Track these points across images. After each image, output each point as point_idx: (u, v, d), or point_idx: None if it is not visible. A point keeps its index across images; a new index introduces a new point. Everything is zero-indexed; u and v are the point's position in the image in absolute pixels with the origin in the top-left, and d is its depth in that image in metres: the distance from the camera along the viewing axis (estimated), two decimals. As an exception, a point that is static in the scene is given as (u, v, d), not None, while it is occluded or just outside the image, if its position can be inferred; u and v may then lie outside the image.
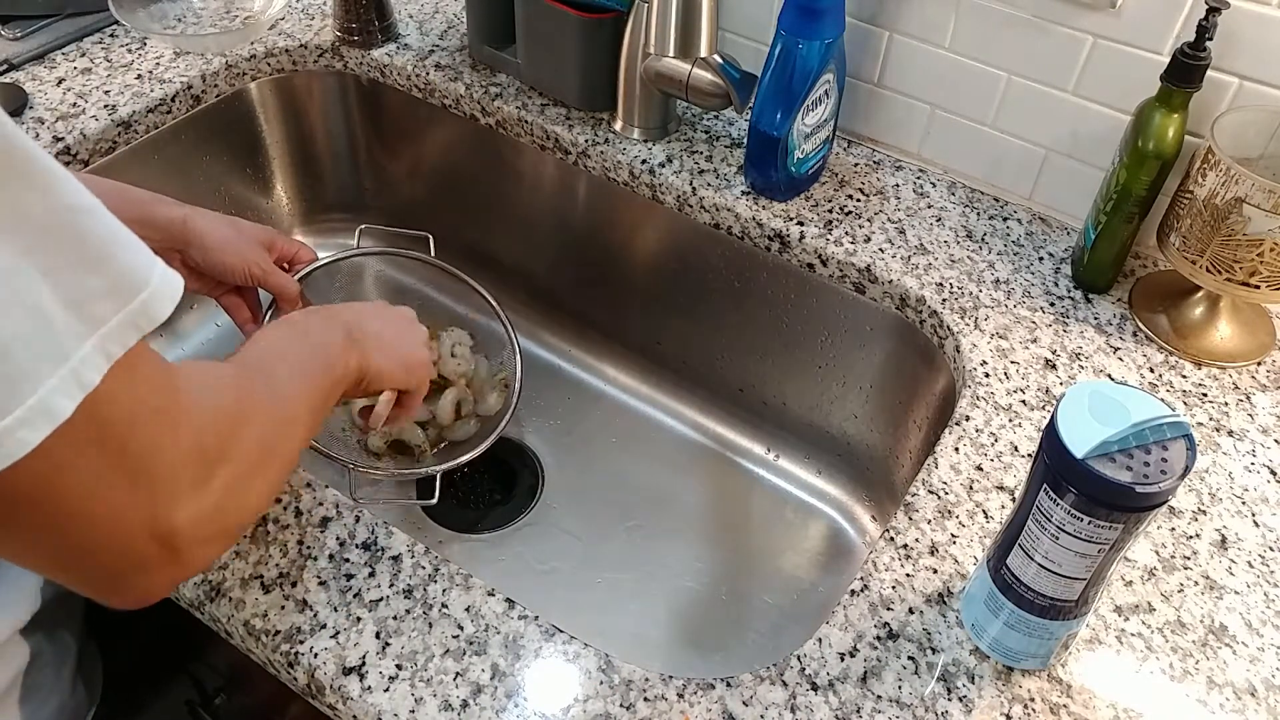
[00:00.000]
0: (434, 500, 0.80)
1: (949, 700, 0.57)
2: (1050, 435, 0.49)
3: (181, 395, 0.42)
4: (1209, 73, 0.72)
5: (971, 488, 0.68)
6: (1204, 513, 0.67)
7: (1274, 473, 0.70)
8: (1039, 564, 0.52)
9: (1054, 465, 0.49)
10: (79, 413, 0.36)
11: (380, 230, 0.96)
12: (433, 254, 0.90)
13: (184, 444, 0.42)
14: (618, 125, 0.94)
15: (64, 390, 0.36)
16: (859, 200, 0.89)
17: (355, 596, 0.61)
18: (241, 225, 0.76)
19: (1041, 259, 0.85)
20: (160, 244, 0.71)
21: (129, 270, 0.39)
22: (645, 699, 0.57)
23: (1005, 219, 0.89)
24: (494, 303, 0.90)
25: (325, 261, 0.84)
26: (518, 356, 0.89)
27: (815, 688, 0.57)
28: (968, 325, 0.79)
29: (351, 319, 0.63)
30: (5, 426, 0.34)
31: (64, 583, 0.44)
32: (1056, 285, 0.83)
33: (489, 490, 0.96)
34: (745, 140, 0.87)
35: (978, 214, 0.89)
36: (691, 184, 0.89)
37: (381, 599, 0.61)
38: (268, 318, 0.80)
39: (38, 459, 0.36)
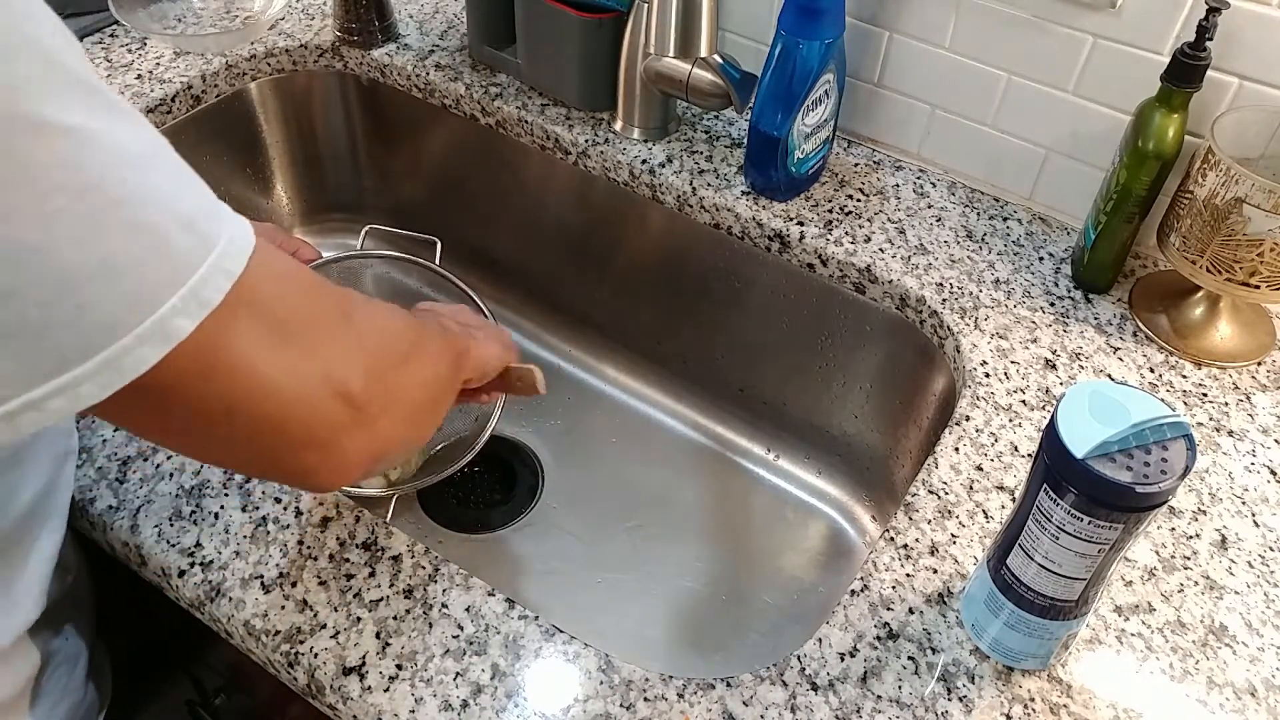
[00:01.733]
0: (387, 518, 0.78)
1: (949, 700, 0.57)
2: (1050, 435, 0.49)
3: (317, 276, 0.44)
4: (1209, 73, 0.72)
5: (971, 488, 0.68)
6: (1204, 513, 0.67)
7: (1274, 473, 0.70)
8: (1039, 564, 0.52)
9: (1054, 465, 0.49)
10: (230, 297, 0.37)
11: (387, 232, 0.96)
12: (438, 260, 0.89)
13: (333, 312, 0.43)
14: (618, 125, 0.94)
15: (214, 280, 0.37)
16: (859, 200, 0.89)
17: (355, 596, 0.61)
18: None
19: (1041, 259, 0.85)
20: None
21: (210, 196, 0.40)
22: (645, 699, 0.57)
23: (1005, 219, 0.89)
24: (491, 316, 0.88)
25: (326, 261, 0.83)
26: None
27: (815, 688, 0.57)
28: (968, 325, 0.79)
29: (446, 312, 0.66)
30: (160, 315, 0.35)
31: (273, 470, 0.45)
32: (1056, 285, 0.83)
33: (489, 490, 0.96)
34: (745, 140, 0.87)
35: (978, 214, 0.89)
36: (691, 184, 0.89)
37: (381, 599, 0.61)
38: None
39: (200, 340, 0.37)
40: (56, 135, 0.33)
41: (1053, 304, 0.81)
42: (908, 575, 0.63)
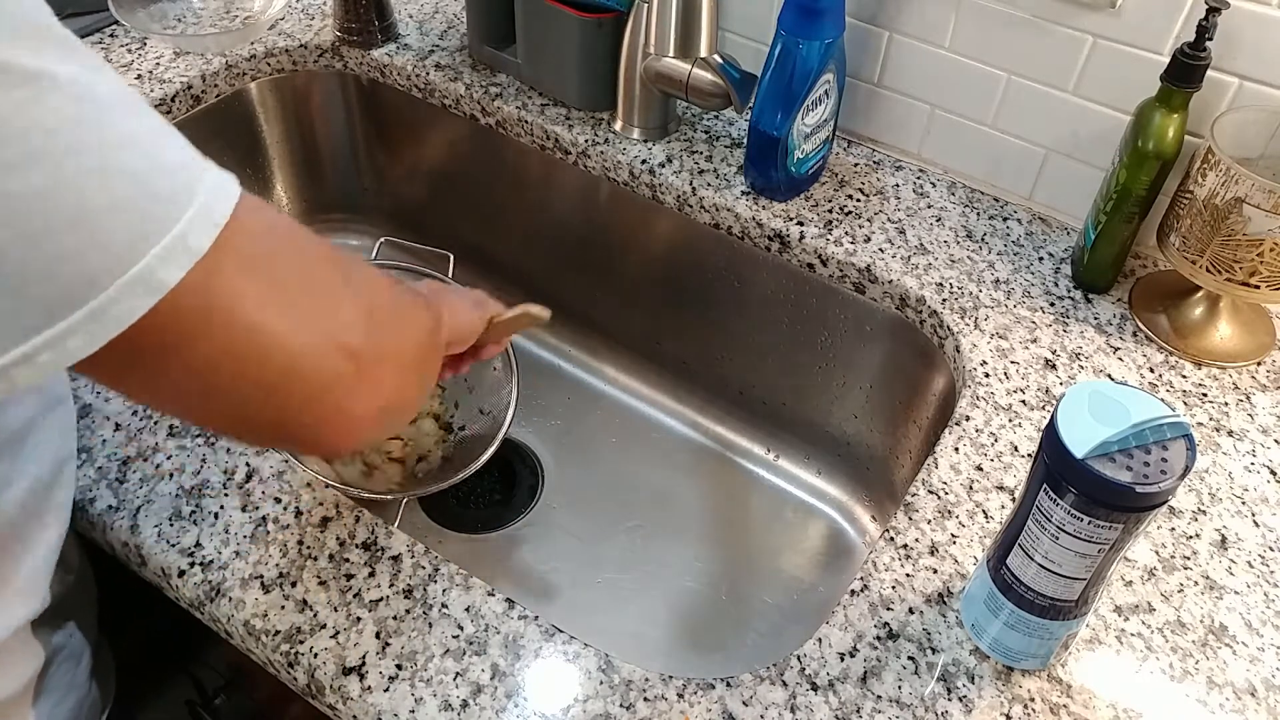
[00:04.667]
0: (395, 524, 0.78)
1: (949, 700, 0.57)
2: (1050, 435, 0.49)
3: (302, 228, 0.43)
4: (1209, 73, 0.72)
5: (971, 488, 0.68)
6: (1204, 513, 0.67)
7: (1274, 473, 0.70)
8: (1039, 564, 0.52)
9: (1054, 465, 0.49)
10: (218, 242, 0.36)
11: (402, 244, 0.96)
12: (451, 275, 0.89)
13: (324, 263, 0.42)
14: (618, 125, 0.94)
15: (200, 228, 0.36)
16: (859, 200, 0.89)
17: (355, 596, 0.61)
18: None
19: (1041, 259, 0.85)
20: None
21: (191, 148, 0.39)
22: (645, 699, 0.57)
23: (1005, 219, 0.89)
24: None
25: None
26: (514, 378, 0.87)
27: (815, 688, 0.57)
28: (968, 325, 0.79)
29: (416, 286, 0.64)
30: (145, 264, 0.34)
31: (271, 432, 0.44)
32: (1056, 285, 0.83)
33: (489, 490, 0.96)
34: (745, 140, 0.87)
35: (978, 214, 0.89)
36: (691, 184, 0.89)
37: (381, 599, 0.61)
38: None
39: (192, 290, 0.35)
40: (21, 79, 0.32)
41: (1053, 304, 0.81)
42: (908, 575, 0.63)
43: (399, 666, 0.57)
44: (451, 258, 0.89)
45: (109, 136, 0.34)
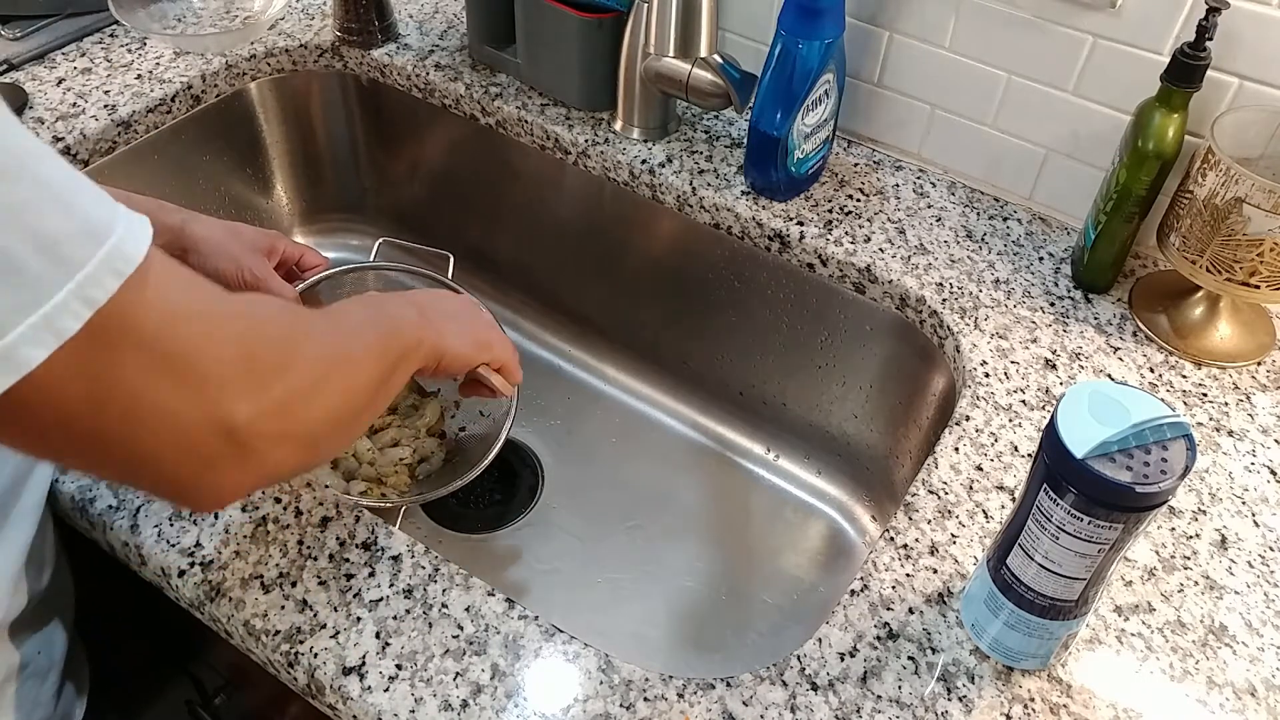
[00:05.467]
0: (395, 526, 0.78)
1: (949, 700, 0.57)
2: (1050, 435, 0.49)
3: (224, 303, 0.42)
4: (1209, 73, 0.72)
5: (971, 488, 0.68)
6: (1204, 513, 0.67)
7: (1274, 473, 0.70)
8: (1039, 564, 0.52)
9: (1054, 465, 0.49)
10: (94, 323, 0.35)
11: (401, 245, 0.95)
12: (451, 275, 0.89)
13: (230, 342, 0.41)
14: (618, 125, 0.94)
15: (70, 309, 0.35)
16: (859, 200, 0.89)
17: (355, 596, 0.61)
18: (240, 230, 0.75)
19: (1041, 259, 0.85)
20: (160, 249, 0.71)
21: (94, 216, 0.37)
22: (645, 699, 0.57)
23: (1005, 219, 0.89)
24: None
25: (339, 271, 0.83)
26: (512, 410, 0.86)
27: (815, 688, 0.57)
28: (968, 325, 0.79)
29: (425, 301, 0.63)
30: (7, 343, 0.34)
31: (148, 490, 0.44)
32: (1056, 285, 0.83)
33: (489, 490, 0.96)
34: (745, 140, 0.87)
35: (978, 214, 0.89)
36: (691, 184, 0.89)
37: (381, 599, 0.61)
38: None
39: (59, 368, 0.35)
40: None
41: (1053, 304, 0.81)
42: (908, 575, 0.63)
43: (399, 666, 0.57)
44: (451, 258, 0.89)
45: None
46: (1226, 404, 0.74)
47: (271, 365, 0.43)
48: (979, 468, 0.69)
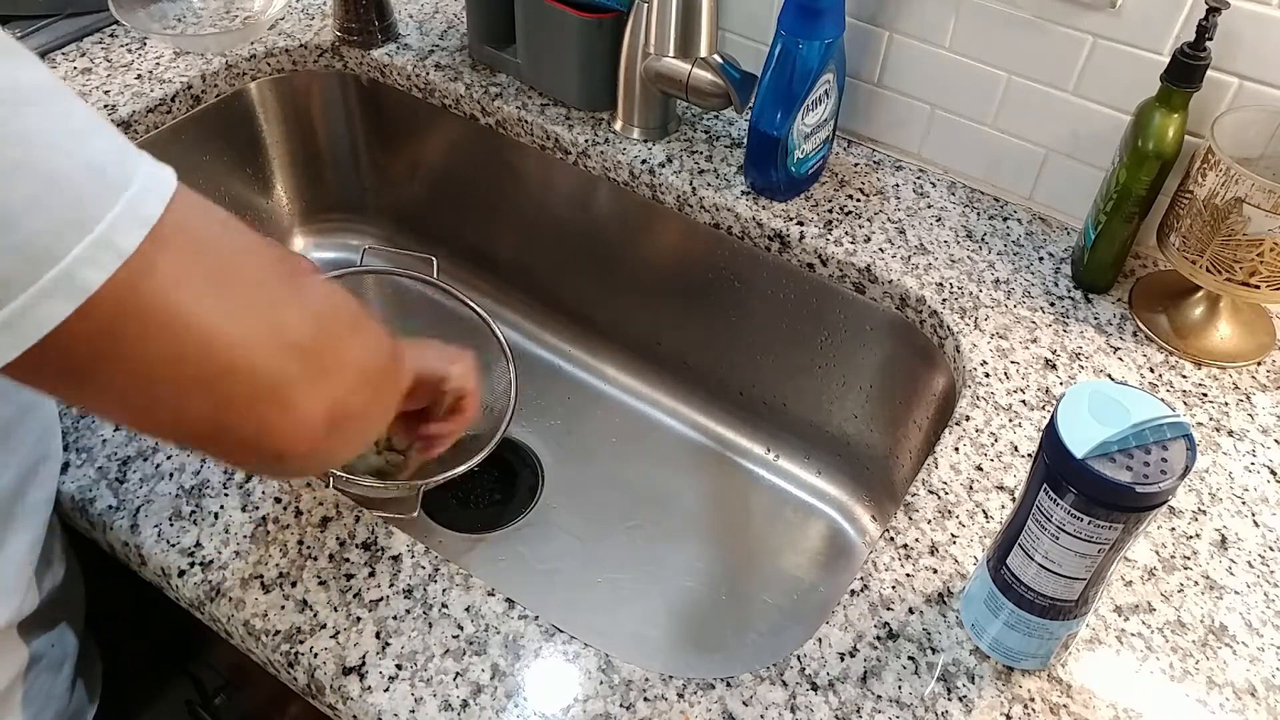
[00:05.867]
0: (415, 515, 0.78)
1: (949, 700, 0.57)
2: (1050, 435, 0.49)
3: (246, 229, 0.41)
4: (1209, 73, 0.72)
5: (971, 488, 0.68)
6: (1204, 513, 0.67)
7: (1274, 473, 0.70)
8: (1039, 564, 0.52)
9: (1054, 465, 0.49)
10: (149, 243, 0.35)
11: (386, 251, 0.95)
12: (435, 275, 0.88)
13: (272, 262, 0.40)
14: (618, 125, 0.94)
15: (126, 227, 0.34)
16: (859, 200, 0.89)
17: (355, 596, 0.61)
18: None
19: (1041, 259, 0.85)
20: None
21: (126, 144, 0.37)
22: (645, 699, 0.57)
23: (1005, 219, 0.89)
24: (491, 323, 0.89)
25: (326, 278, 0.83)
26: (513, 372, 0.87)
27: (815, 688, 0.57)
28: (968, 325, 0.79)
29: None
30: (64, 267, 0.33)
31: (218, 438, 0.40)
32: (1056, 285, 0.83)
33: (489, 490, 0.96)
34: (745, 140, 0.87)
35: (978, 214, 0.89)
36: (691, 184, 0.89)
37: (381, 599, 0.61)
38: None
39: (120, 290, 0.34)
40: None
41: (1053, 304, 0.81)
42: (908, 575, 0.63)
43: (399, 666, 0.57)
44: (434, 260, 0.89)
45: (21, 132, 0.32)
46: (1226, 404, 0.74)
47: (315, 295, 0.42)
48: (979, 468, 0.69)
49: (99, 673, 0.71)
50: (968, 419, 0.72)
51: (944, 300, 0.81)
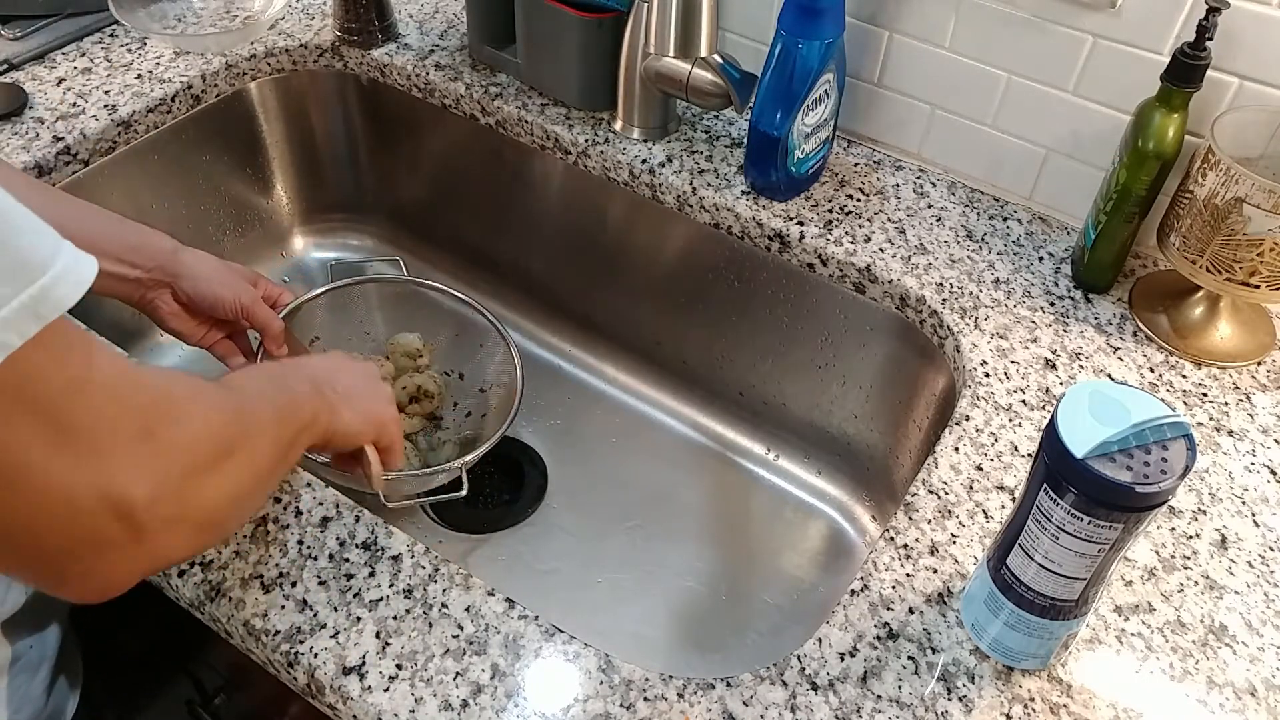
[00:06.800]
0: (464, 492, 0.79)
1: (949, 700, 0.57)
2: (1050, 435, 0.49)
3: (123, 372, 0.40)
4: (1209, 73, 0.72)
5: (971, 488, 0.68)
6: (1204, 513, 0.67)
7: (1274, 473, 0.70)
8: (1039, 564, 0.52)
9: (1054, 465, 0.49)
10: None
11: (351, 262, 0.97)
12: (405, 273, 0.89)
13: (127, 415, 0.39)
14: (618, 125, 0.94)
15: None
16: (859, 200, 0.89)
17: (355, 596, 0.61)
18: (230, 263, 0.76)
19: (1041, 259, 0.85)
20: (151, 275, 0.71)
21: (27, 252, 0.35)
22: (645, 699, 0.57)
23: (1005, 219, 0.89)
24: (476, 303, 0.88)
25: (304, 300, 0.84)
26: (515, 353, 0.87)
27: (815, 688, 0.57)
28: (968, 325, 0.79)
29: (321, 375, 0.61)
30: None
31: (22, 574, 0.40)
32: (1056, 285, 0.83)
33: (496, 490, 0.96)
34: (745, 140, 0.87)
35: (978, 214, 0.89)
36: (691, 184, 0.89)
37: (381, 599, 0.61)
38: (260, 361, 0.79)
39: None
40: None
41: (1053, 304, 0.81)
42: (908, 575, 0.63)
43: (399, 666, 0.57)
44: (400, 260, 0.91)
45: None
46: (1226, 404, 0.74)
47: (164, 436, 0.41)
48: (979, 468, 0.69)
49: (80, 667, 0.71)
50: (968, 419, 0.72)
51: (944, 300, 0.81)
